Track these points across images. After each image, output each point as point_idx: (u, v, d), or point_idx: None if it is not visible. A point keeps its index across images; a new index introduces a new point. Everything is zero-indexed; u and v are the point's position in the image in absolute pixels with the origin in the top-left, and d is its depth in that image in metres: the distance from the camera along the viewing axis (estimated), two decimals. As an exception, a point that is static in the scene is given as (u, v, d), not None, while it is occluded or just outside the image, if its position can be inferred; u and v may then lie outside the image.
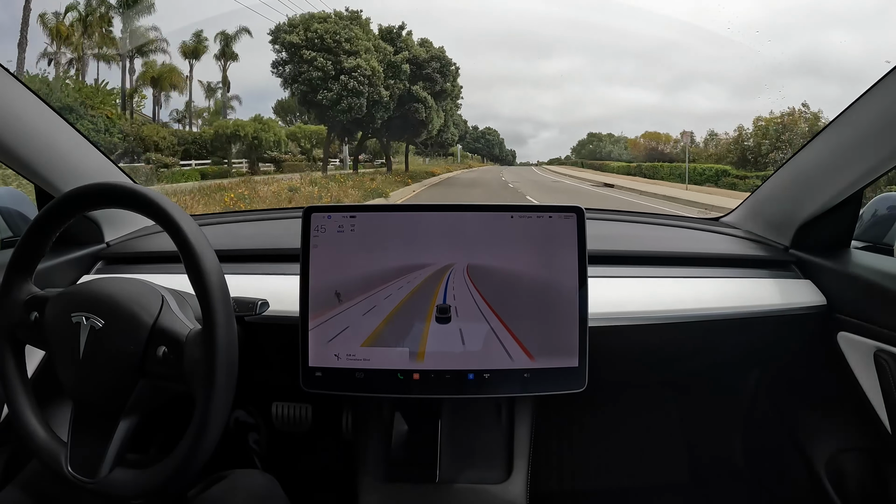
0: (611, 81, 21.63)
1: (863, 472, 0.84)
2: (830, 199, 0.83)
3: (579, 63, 25.00)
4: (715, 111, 21.86)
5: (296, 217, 0.81)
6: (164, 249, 0.91)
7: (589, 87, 22.72)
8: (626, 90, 23.30)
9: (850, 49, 15.36)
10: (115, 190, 0.59)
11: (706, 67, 17.77)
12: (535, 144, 28.16)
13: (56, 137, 0.81)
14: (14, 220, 0.98)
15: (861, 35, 15.64)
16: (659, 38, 16.08)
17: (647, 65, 19.24)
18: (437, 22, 23.97)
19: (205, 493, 0.70)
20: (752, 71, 15.00)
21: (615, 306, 0.79)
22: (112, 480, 0.56)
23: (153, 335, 0.57)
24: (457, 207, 0.70)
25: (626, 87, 22.09)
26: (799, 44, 15.20)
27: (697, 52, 16.71)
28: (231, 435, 1.11)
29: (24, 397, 0.60)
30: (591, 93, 21.95)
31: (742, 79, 16.30)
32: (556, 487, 1.17)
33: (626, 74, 19.91)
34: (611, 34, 18.47)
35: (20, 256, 0.62)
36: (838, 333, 0.81)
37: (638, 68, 19.04)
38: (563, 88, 23.93)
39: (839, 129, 0.78)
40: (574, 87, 23.76)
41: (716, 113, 22.26)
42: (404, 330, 0.68)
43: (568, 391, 0.68)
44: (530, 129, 30.70)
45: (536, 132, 30.97)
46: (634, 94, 22.26)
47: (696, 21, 17.80)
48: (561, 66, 30.90)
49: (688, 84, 22.27)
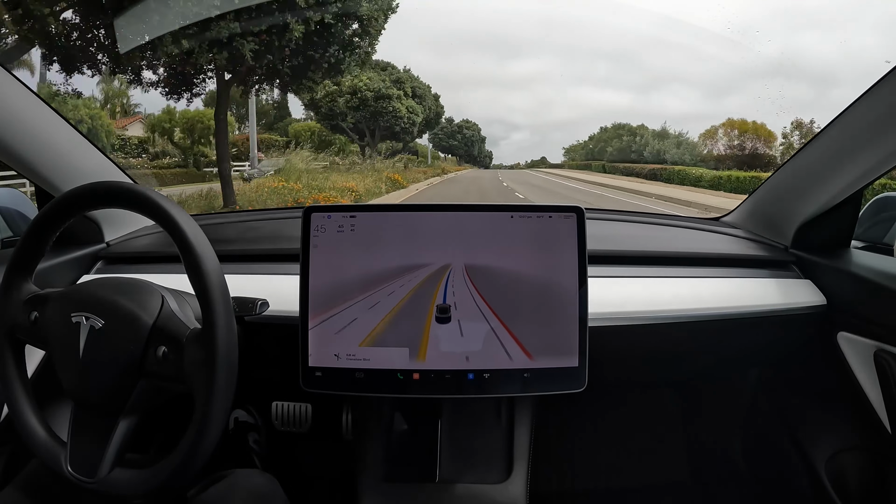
0: (583, 82, 21.02)
1: (863, 472, 0.84)
2: (830, 199, 0.83)
3: (550, 63, 24.30)
4: (688, 113, 20.92)
5: (296, 217, 0.81)
6: (164, 249, 0.91)
7: (560, 88, 22.12)
8: (600, 91, 22.66)
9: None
10: (115, 190, 0.59)
11: (682, 68, 17.26)
12: (506, 146, 27.77)
13: (56, 137, 0.81)
14: (14, 220, 0.98)
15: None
16: (634, 34, 15.50)
17: (621, 64, 18.77)
18: (402, 20, 23.14)
19: (205, 493, 0.70)
20: (729, 71, 14.62)
21: (615, 306, 0.79)
22: (112, 480, 0.56)
23: (153, 335, 0.57)
24: (457, 207, 0.70)
25: (599, 88, 21.51)
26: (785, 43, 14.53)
27: (676, 50, 16.15)
28: (231, 435, 1.11)
29: (23, 397, 0.61)
30: (562, 94, 21.20)
31: (718, 79, 15.88)
32: (555, 487, 1.17)
33: (598, 75, 19.30)
34: (584, 31, 17.78)
35: (20, 256, 0.62)
36: (838, 333, 0.81)
37: (610, 68, 18.55)
38: (533, 89, 23.56)
39: (839, 129, 0.78)
40: (545, 88, 23.26)
41: (690, 114, 21.19)
42: (404, 330, 0.68)
43: (568, 391, 0.68)
44: (501, 130, 30.31)
45: (507, 134, 30.70)
46: (607, 95, 21.45)
47: (675, 15, 17.24)
48: (531, 66, 30.65)
49: (661, 85, 21.60)
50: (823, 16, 15.74)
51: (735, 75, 14.57)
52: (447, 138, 17.70)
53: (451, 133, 17.74)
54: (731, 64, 13.66)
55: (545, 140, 29.63)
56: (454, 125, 17.77)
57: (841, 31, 15.06)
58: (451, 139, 17.84)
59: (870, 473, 0.83)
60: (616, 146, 15.58)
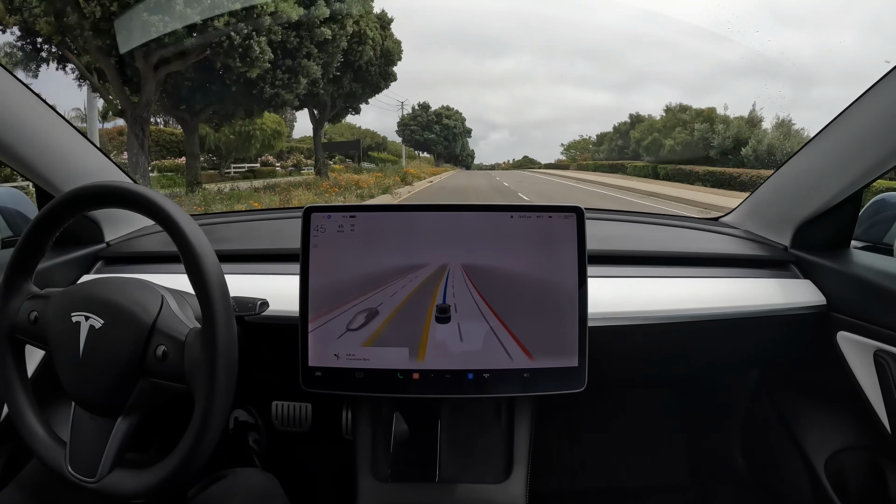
0: (562, 81, 20.54)
1: (863, 472, 0.84)
2: (830, 199, 0.83)
3: (530, 62, 23.60)
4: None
5: (295, 217, 0.81)
6: (164, 249, 0.91)
7: (539, 87, 21.56)
8: (577, 90, 22.16)
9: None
10: (115, 190, 0.59)
11: (660, 67, 16.79)
12: (485, 146, 27.20)
13: (56, 137, 0.81)
14: (14, 219, 0.98)
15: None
16: (615, 31, 14.91)
17: (601, 62, 18.37)
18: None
19: (205, 493, 0.70)
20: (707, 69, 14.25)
21: (615, 306, 0.79)
22: (112, 480, 0.56)
23: (152, 334, 0.57)
24: (457, 207, 0.70)
25: (577, 86, 21.03)
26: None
27: (655, 47, 15.67)
28: (231, 435, 1.11)
29: (24, 397, 0.61)
30: (541, 92, 20.46)
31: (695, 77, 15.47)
32: (555, 487, 1.17)
33: (578, 73, 18.71)
34: (564, 28, 17.29)
35: (20, 256, 0.62)
36: (838, 333, 0.81)
37: (590, 66, 18.19)
38: (512, 88, 23.16)
39: (839, 129, 0.78)
40: (524, 87, 22.78)
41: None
42: (404, 329, 0.68)
43: (568, 391, 0.68)
44: (481, 130, 30.00)
45: (486, 134, 30.34)
46: (584, 94, 20.93)
47: (655, 9, 16.80)
48: (511, 65, 30.35)
49: (639, 83, 21.05)
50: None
51: (714, 73, 14.27)
52: (421, 130, 12.69)
53: (427, 123, 12.69)
54: (713, 62, 13.39)
55: (524, 139, 29.45)
56: (430, 113, 12.65)
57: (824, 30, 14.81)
58: (427, 131, 12.84)
59: (869, 473, 0.83)
60: (681, 138, 10.52)
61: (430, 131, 13.56)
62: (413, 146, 13.00)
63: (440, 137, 13.70)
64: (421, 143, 13.68)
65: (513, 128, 28.66)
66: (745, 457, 1.11)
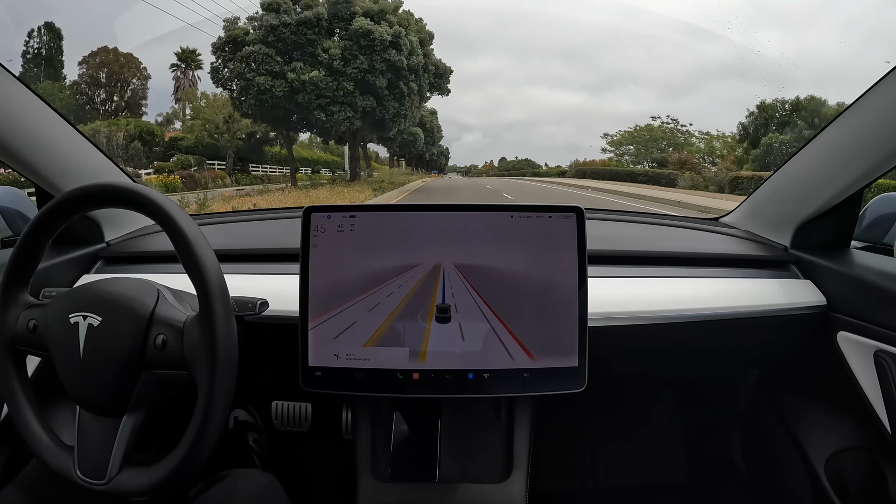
0: (536, 81, 20.21)
1: (863, 472, 0.84)
2: (830, 199, 0.83)
3: (503, 60, 23.24)
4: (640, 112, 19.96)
5: (295, 217, 0.81)
6: (164, 249, 0.91)
7: (513, 87, 21.18)
8: (552, 91, 21.80)
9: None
10: (115, 190, 0.59)
11: (638, 67, 16.57)
12: (458, 148, 26.92)
13: (56, 137, 0.81)
14: (14, 219, 0.98)
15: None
16: (592, 27, 14.73)
17: (574, 62, 17.98)
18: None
19: (205, 493, 0.70)
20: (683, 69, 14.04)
21: (615, 306, 0.79)
22: (121, 480, 0.56)
23: (151, 324, 0.57)
24: (458, 207, 0.70)
25: (552, 87, 20.64)
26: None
27: (630, 46, 15.40)
28: (231, 434, 1.11)
29: (28, 407, 0.60)
30: (515, 93, 20.09)
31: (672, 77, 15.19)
32: (555, 487, 1.17)
33: (552, 73, 18.31)
34: (539, 26, 16.99)
35: (17, 261, 0.61)
36: (838, 333, 0.81)
37: (565, 66, 17.81)
38: (485, 88, 22.76)
39: (839, 129, 0.78)
40: (497, 87, 22.37)
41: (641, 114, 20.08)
42: (405, 329, 0.68)
43: (568, 391, 0.68)
44: (453, 132, 29.49)
45: (459, 135, 29.93)
46: (560, 94, 20.53)
47: (638, 4, 16.49)
48: (484, 64, 29.96)
49: (614, 84, 20.76)
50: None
51: (692, 74, 14.10)
52: (283, 66, 9.23)
53: (299, 44, 9.48)
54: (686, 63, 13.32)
55: (497, 141, 29.18)
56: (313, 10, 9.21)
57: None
58: (299, 62, 9.28)
59: (869, 473, 0.83)
60: (793, 134, 7.88)
61: (319, 66, 8.83)
62: (272, 123, 9.75)
63: (369, 89, 8.88)
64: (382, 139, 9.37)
65: (485, 129, 28.51)
66: (744, 457, 1.11)
